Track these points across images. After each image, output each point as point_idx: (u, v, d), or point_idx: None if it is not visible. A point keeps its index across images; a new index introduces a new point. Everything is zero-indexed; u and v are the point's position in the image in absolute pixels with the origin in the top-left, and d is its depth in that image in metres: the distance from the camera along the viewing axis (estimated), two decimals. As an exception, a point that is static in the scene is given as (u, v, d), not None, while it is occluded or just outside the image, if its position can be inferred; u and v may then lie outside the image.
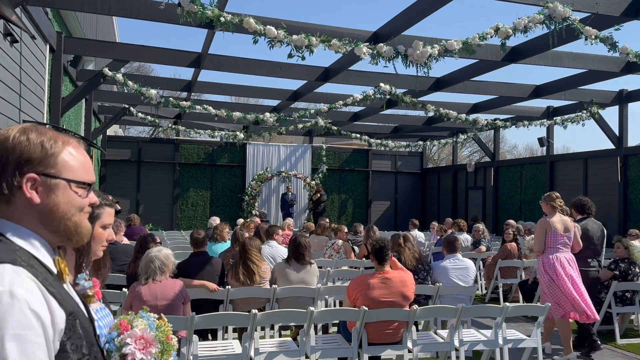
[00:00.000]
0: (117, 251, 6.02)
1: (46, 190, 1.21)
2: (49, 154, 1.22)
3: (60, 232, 1.24)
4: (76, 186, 1.26)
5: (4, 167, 1.18)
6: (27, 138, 1.22)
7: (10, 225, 1.20)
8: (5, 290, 1.05)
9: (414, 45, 6.77)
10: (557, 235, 5.66)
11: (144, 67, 29.21)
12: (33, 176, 1.19)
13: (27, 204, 1.20)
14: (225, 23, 6.16)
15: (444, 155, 37.61)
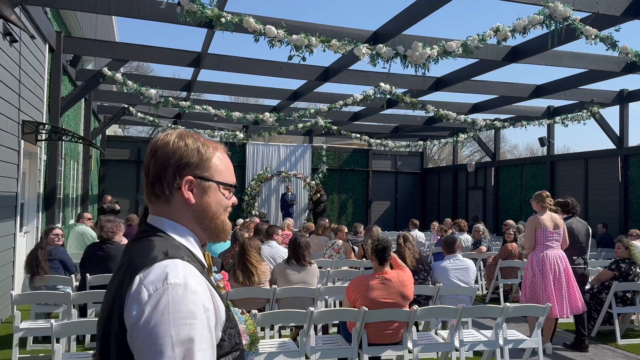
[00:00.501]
0: (117, 251, 6.00)
1: (200, 192, 1.33)
2: (204, 159, 1.34)
3: (211, 230, 1.36)
4: (223, 188, 1.37)
5: (165, 170, 1.30)
6: (185, 143, 1.32)
7: (169, 223, 1.31)
8: (180, 283, 1.14)
9: (413, 46, 6.77)
10: (547, 232, 5.84)
11: (143, 66, 29.19)
12: (190, 178, 1.31)
13: (184, 203, 1.31)
14: (225, 23, 6.15)
15: (444, 155, 37.60)
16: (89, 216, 9.05)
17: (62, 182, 10.62)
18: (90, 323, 4.25)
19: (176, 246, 1.26)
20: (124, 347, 1.14)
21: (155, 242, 1.25)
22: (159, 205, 1.33)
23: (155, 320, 1.11)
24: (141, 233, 1.33)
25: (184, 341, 1.10)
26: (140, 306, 1.12)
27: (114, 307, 1.19)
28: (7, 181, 6.73)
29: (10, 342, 4.88)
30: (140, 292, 1.14)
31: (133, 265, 1.20)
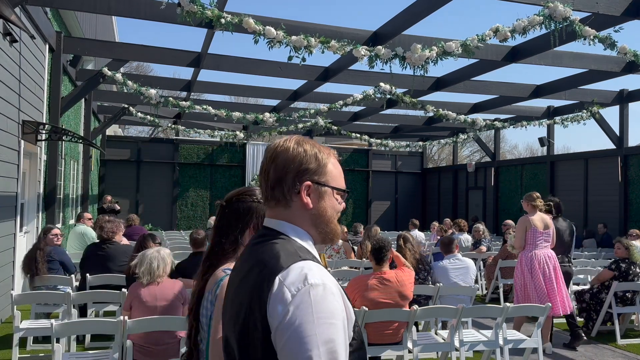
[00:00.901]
0: (117, 251, 6.00)
1: (317, 196, 1.37)
2: (321, 165, 1.38)
3: (326, 233, 1.40)
4: (337, 193, 1.41)
5: (286, 175, 1.36)
6: (304, 150, 1.38)
7: (290, 226, 1.36)
8: (320, 284, 1.19)
9: (412, 48, 6.77)
10: (537, 232, 5.94)
11: (143, 66, 29.19)
12: (309, 184, 1.36)
13: (302, 207, 1.36)
14: (225, 23, 6.15)
15: (444, 155, 37.60)
16: (89, 216, 9.05)
17: (62, 182, 10.62)
18: (90, 323, 4.25)
19: (302, 248, 1.32)
20: (268, 346, 1.19)
21: (282, 244, 1.30)
22: (278, 209, 1.39)
23: (300, 319, 1.15)
24: (262, 236, 1.38)
25: (327, 340, 1.14)
26: (284, 306, 1.17)
27: (252, 309, 1.23)
28: (7, 181, 6.73)
29: (10, 342, 4.89)
30: (282, 293, 1.18)
31: (268, 268, 1.24)
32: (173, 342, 4.01)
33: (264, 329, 1.19)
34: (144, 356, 3.93)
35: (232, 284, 1.40)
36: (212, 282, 1.89)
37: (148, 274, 4.07)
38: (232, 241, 1.94)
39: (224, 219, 1.97)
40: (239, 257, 1.48)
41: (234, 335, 1.28)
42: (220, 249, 1.94)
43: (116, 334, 3.81)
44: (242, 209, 1.95)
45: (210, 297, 1.86)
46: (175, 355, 3.97)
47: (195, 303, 1.92)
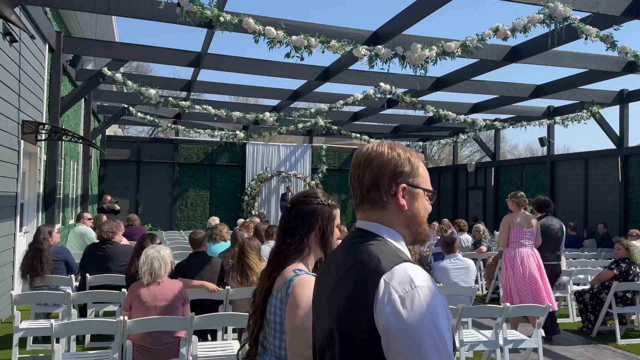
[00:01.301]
0: (117, 251, 6.00)
1: (411, 198, 1.42)
2: (414, 167, 1.43)
3: (418, 234, 1.45)
4: (426, 194, 1.45)
5: (382, 178, 1.41)
6: (397, 154, 1.43)
7: (384, 228, 1.40)
8: (425, 285, 1.22)
9: (412, 48, 6.77)
10: (521, 230, 6.17)
11: (143, 66, 29.18)
12: (404, 186, 1.41)
13: (397, 209, 1.41)
14: (225, 23, 6.14)
15: (444, 155, 37.59)
16: (89, 216, 9.04)
17: (62, 182, 10.61)
18: (90, 323, 4.25)
19: (398, 250, 1.36)
20: (374, 345, 1.21)
21: (379, 246, 1.34)
22: (373, 211, 1.43)
23: (410, 319, 1.18)
24: (358, 237, 1.41)
25: (438, 338, 1.18)
26: (393, 307, 1.20)
27: (355, 309, 1.26)
28: (7, 181, 6.72)
29: (10, 342, 4.88)
30: (390, 294, 1.21)
31: (371, 269, 1.27)
32: (173, 342, 4.01)
33: (370, 328, 1.22)
34: (143, 356, 3.93)
35: (325, 284, 1.43)
36: (281, 282, 1.94)
37: (149, 274, 4.06)
38: (298, 242, 2.00)
39: (290, 220, 2.03)
40: (329, 258, 1.53)
41: (333, 334, 1.31)
42: (287, 250, 2.00)
43: (116, 334, 3.80)
44: (307, 211, 2.01)
45: (279, 295, 1.92)
46: (175, 355, 3.97)
47: (262, 301, 1.98)
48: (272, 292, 1.96)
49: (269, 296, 1.97)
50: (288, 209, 2.05)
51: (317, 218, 2.02)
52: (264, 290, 1.99)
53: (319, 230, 2.02)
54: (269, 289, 1.98)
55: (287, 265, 1.98)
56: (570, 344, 6.25)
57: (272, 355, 1.96)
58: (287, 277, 1.94)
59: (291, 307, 1.86)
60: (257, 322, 1.99)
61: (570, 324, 7.23)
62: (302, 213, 2.02)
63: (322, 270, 1.52)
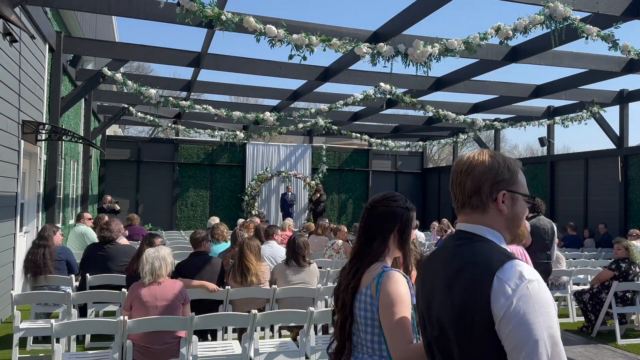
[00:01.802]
0: (117, 252, 6.00)
1: (510, 203, 1.56)
2: (513, 174, 1.56)
3: (516, 235, 1.59)
4: (523, 199, 1.58)
5: (484, 185, 1.54)
6: (497, 162, 1.56)
7: (487, 230, 1.54)
8: (534, 279, 1.37)
9: (414, 44, 6.75)
10: None
11: (143, 66, 29.19)
12: (504, 192, 1.54)
13: (498, 213, 1.55)
14: (226, 22, 6.11)
15: (444, 155, 37.60)
16: (89, 216, 9.04)
17: (62, 182, 10.61)
18: (90, 323, 4.25)
19: (503, 249, 1.49)
20: (490, 335, 1.35)
21: (485, 246, 1.48)
22: (474, 215, 1.56)
23: (523, 309, 1.32)
24: (463, 239, 1.54)
25: (548, 327, 1.33)
26: (507, 299, 1.33)
27: (471, 305, 1.39)
28: (7, 181, 6.72)
29: (10, 342, 4.88)
30: (504, 288, 1.35)
31: (484, 267, 1.41)
32: (173, 342, 4.01)
33: (487, 321, 1.36)
34: (143, 356, 3.93)
35: (432, 283, 1.56)
36: (369, 279, 2.06)
37: (150, 274, 4.07)
38: (380, 242, 2.12)
39: (371, 221, 2.15)
40: (432, 258, 1.66)
41: (448, 330, 1.45)
42: (369, 250, 2.12)
43: (116, 334, 3.80)
44: (387, 212, 2.13)
45: (369, 292, 2.03)
46: (175, 355, 3.97)
47: (350, 298, 2.08)
48: (360, 289, 2.06)
49: (357, 293, 2.07)
50: (369, 210, 2.15)
51: (397, 220, 2.15)
52: (351, 288, 2.08)
53: (398, 232, 2.15)
54: (355, 286, 2.08)
55: (371, 264, 2.09)
56: (570, 344, 6.25)
57: (364, 352, 2.06)
58: (375, 273, 2.05)
59: (385, 304, 1.98)
60: (347, 318, 2.09)
61: (570, 324, 7.23)
62: (383, 215, 2.13)
63: (425, 270, 1.65)
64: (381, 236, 2.13)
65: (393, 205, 2.15)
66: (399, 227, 2.15)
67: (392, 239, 2.15)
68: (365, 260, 2.10)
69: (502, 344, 1.34)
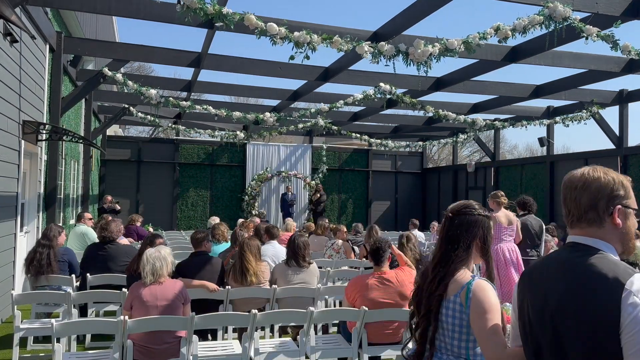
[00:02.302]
0: (118, 252, 6.02)
1: (624, 217, 1.66)
2: (627, 190, 1.67)
3: (628, 248, 1.69)
4: (634, 213, 1.68)
5: (600, 200, 1.64)
6: (612, 178, 1.68)
7: (603, 243, 1.64)
8: None
9: (415, 44, 6.75)
10: (502, 227, 6.69)
11: (144, 67, 29.19)
12: (620, 207, 1.64)
13: (613, 227, 1.65)
14: (227, 17, 6.06)
15: (444, 155, 37.60)
16: (90, 216, 9.05)
17: (62, 182, 10.62)
18: (90, 323, 4.26)
19: (621, 262, 1.58)
20: (613, 340, 1.46)
21: (606, 259, 1.58)
22: (590, 229, 1.66)
23: None
24: (579, 251, 1.64)
25: None
26: (634, 308, 1.45)
27: (598, 312, 1.49)
28: (8, 181, 6.73)
29: (11, 342, 4.89)
30: (633, 299, 1.47)
31: (612, 279, 1.51)
32: (173, 341, 4.02)
33: (612, 328, 1.46)
34: (144, 356, 3.94)
35: (545, 292, 1.65)
36: (457, 286, 2.14)
37: (151, 274, 4.08)
38: (464, 249, 2.19)
39: (453, 229, 2.22)
40: (541, 267, 1.74)
41: (568, 334, 1.55)
42: (453, 257, 2.18)
43: (116, 334, 3.81)
44: (469, 221, 2.21)
45: (458, 300, 2.12)
46: (175, 355, 3.98)
47: (437, 305, 2.15)
48: (448, 297, 2.14)
49: (443, 300, 2.15)
50: (450, 219, 2.23)
51: (479, 228, 2.23)
52: (437, 296, 2.15)
53: (480, 240, 2.23)
54: (441, 294, 2.15)
55: (456, 271, 2.16)
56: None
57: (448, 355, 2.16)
58: (463, 281, 2.14)
59: (478, 312, 2.07)
60: (430, 324, 2.17)
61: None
62: (465, 223, 2.21)
63: (532, 277, 1.75)
64: (465, 244, 2.19)
65: (475, 213, 2.24)
66: (481, 234, 2.23)
67: (474, 247, 2.22)
68: (449, 268, 2.17)
69: (621, 351, 1.45)
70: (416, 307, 2.26)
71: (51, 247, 5.82)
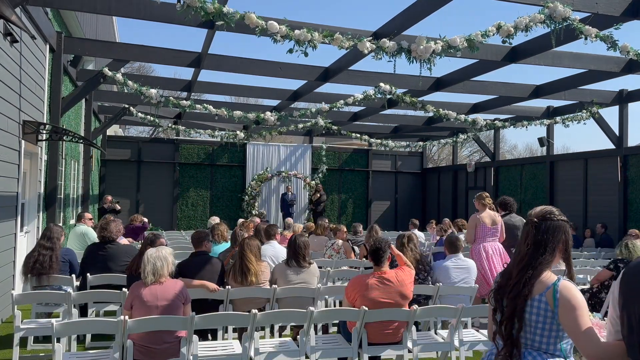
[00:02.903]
0: (118, 251, 6.02)
1: None
2: None
3: None
4: None
5: None
6: None
7: None
8: None
9: (417, 40, 6.72)
10: (486, 228, 6.90)
11: (144, 67, 29.20)
12: None
13: None
14: (227, 15, 6.04)
15: (444, 155, 37.60)
16: (90, 216, 9.05)
17: (62, 182, 10.62)
18: (90, 323, 4.26)
19: None
20: None
21: None
22: None
23: None
24: None
25: None
26: None
27: None
28: (8, 181, 6.74)
29: (11, 342, 4.89)
30: None
31: None
32: (173, 341, 4.02)
33: None
34: (144, 356, 3.94)
35: None
36: (542, 287, 2.29)
37: (152, 274, 4.08)
38: (550, 253, 2.34)
39: (540, 235, 2.36)
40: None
41: None
42: (540, 260, 2.33)
43: (117, 334, 3.82)
44: (555, 226, 2.36)
45: (544, 299, 2.28)
46: (175, 355, 3.98)
47: (522, 305, 2.30)
48: (533, 296, 2.29)
49: (527, 299, 2.31)
50: (536, 225, 2.37)
51: (563, 232, 2.38)
52: (524, 296, 2.30)
53: (563, 244, 2.37)
54: (527, 294, 2.31)
55: (541, 273, 2.32)
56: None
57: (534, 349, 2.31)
58: (549, 282, 2.29)
59: (568, 310, 2.21)
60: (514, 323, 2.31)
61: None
62: (551, 228, 2.36)
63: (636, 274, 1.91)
64: (551, 248, 2.34)
65: (559, 219, 2.38)
66: (564, 239, 2.37)
67: (558, 250, 2.36)
68: (536, 270, 2.31)
69: None
70: (500, 307, 2.40)
71: (54, 249, 5.82)
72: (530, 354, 2.30)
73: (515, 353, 2.31)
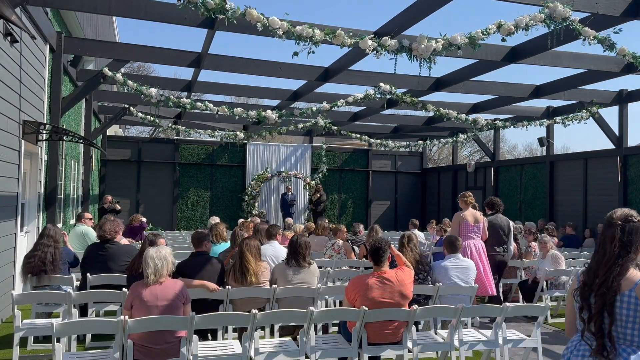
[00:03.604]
0: (118, 251, 6.02)
1: None
2: None
3: None
4: None
5: None
6: None
7: None
8: None
9: (418, 38, 6.71)
10: (469, 225, 7.23)
11: (144, 67, 29.21)
12: None
13: None
14: (229, 11, 6.00)
15: (444, 155, 37.60)
16: (90, 216, 9.05)
17: (62, 182, 10.63)
18: (90, 323, 4.26)
19: None
20: None
21: None
22: None
23: None
24: None
25: None
26: None
27: None
28: (8, 181, 6.74)
29: (11, 342, 4.89)
30: None
31: None
32: (173, 341, 4.02)
33: None
34: (144, 356, 3.94)
35: None
36: (630, 283, 2.44)
37: (153, 274, 4.08)
38: (634, 252, 2.51)
39: (627, 236, 2.52)
40: None
41: None
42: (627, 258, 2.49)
43: (117, 334, 3.82)
44: (637, 227, 2.53)
45: (634, 294, 2.42)
46: (175, 355, 3.98)
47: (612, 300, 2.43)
48: (622, 292, 2.43)
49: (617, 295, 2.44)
50: (621, 227, 2.53)
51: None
52: (613, 291, 2.44)
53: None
54: (616, 290, 2.44)
55: (627, 271, 2.47)
56: (569, 344, 6.25)
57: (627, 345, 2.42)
58: (636, 278, 2.44)
59: None
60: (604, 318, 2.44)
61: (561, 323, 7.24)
62: (634, 230, 2.53)
63: None
64: (635, 247, 2.51)
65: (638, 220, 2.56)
66: None
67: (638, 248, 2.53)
68: (622, 268, 2.47)
69: None
70: (585, 303, 2.52)
71: (56, 248, 5.83)
72: (625, 350, 2.42)
73: (609, 347, 2.42)
